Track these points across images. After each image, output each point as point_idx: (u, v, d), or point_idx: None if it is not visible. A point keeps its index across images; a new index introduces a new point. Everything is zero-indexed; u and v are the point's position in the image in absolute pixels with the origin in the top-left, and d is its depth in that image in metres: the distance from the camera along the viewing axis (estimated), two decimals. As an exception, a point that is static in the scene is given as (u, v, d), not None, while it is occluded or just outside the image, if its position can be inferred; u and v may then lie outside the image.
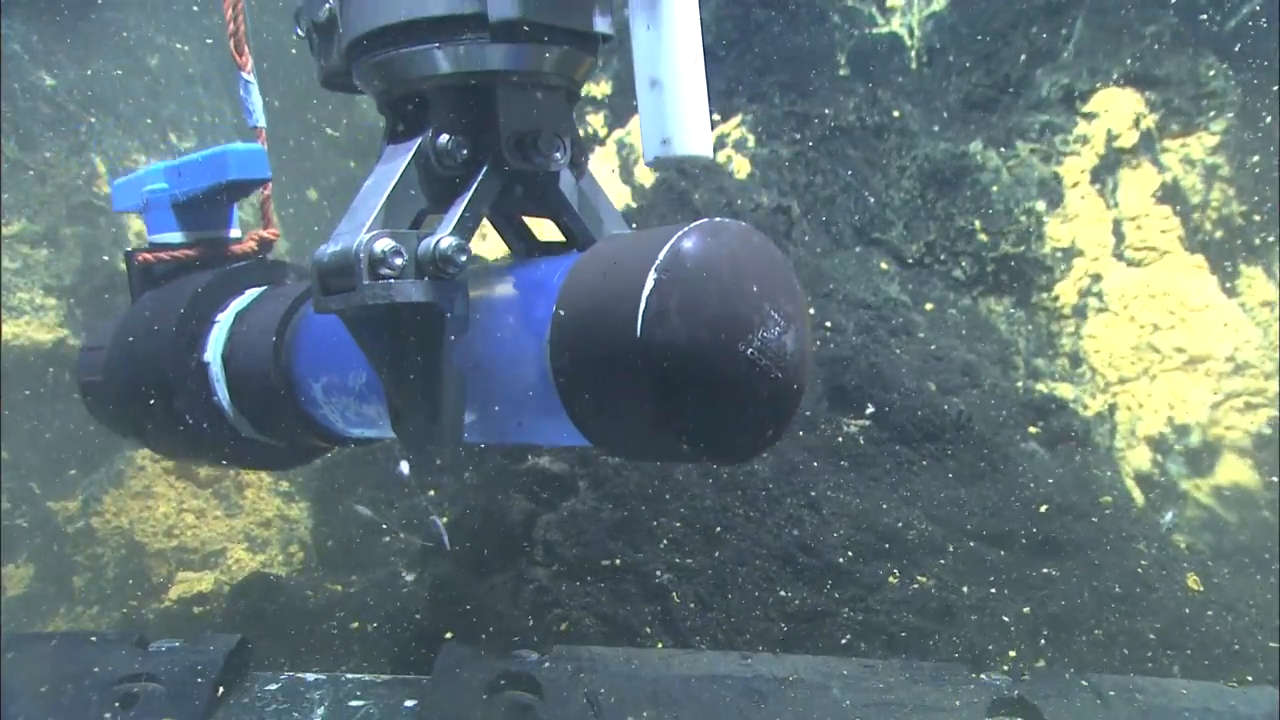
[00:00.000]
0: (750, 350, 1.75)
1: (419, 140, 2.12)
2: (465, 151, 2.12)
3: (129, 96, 3.85)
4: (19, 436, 3.42)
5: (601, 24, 2.13)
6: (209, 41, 4.38)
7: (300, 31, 2.37)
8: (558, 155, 2.20)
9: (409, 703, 2.44)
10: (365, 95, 2.27)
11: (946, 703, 2.36)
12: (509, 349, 2.00)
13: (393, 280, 1.94)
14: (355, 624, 3.14)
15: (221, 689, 2.49)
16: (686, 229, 1.78)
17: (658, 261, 1.73)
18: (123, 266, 3.66)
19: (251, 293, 2.60)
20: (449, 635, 2.85)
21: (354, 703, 2.45)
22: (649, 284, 1.70)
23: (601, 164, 5.03)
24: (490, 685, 2.40)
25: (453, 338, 2.08)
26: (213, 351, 2.51)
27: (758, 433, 1.87)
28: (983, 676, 2.47)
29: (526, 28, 2.05)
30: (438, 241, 1.97)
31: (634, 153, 5.03)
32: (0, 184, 3.35)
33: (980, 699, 2.37)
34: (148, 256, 2.72)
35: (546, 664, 2.45)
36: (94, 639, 2.62)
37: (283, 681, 2.58)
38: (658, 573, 2.82)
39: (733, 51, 5.01)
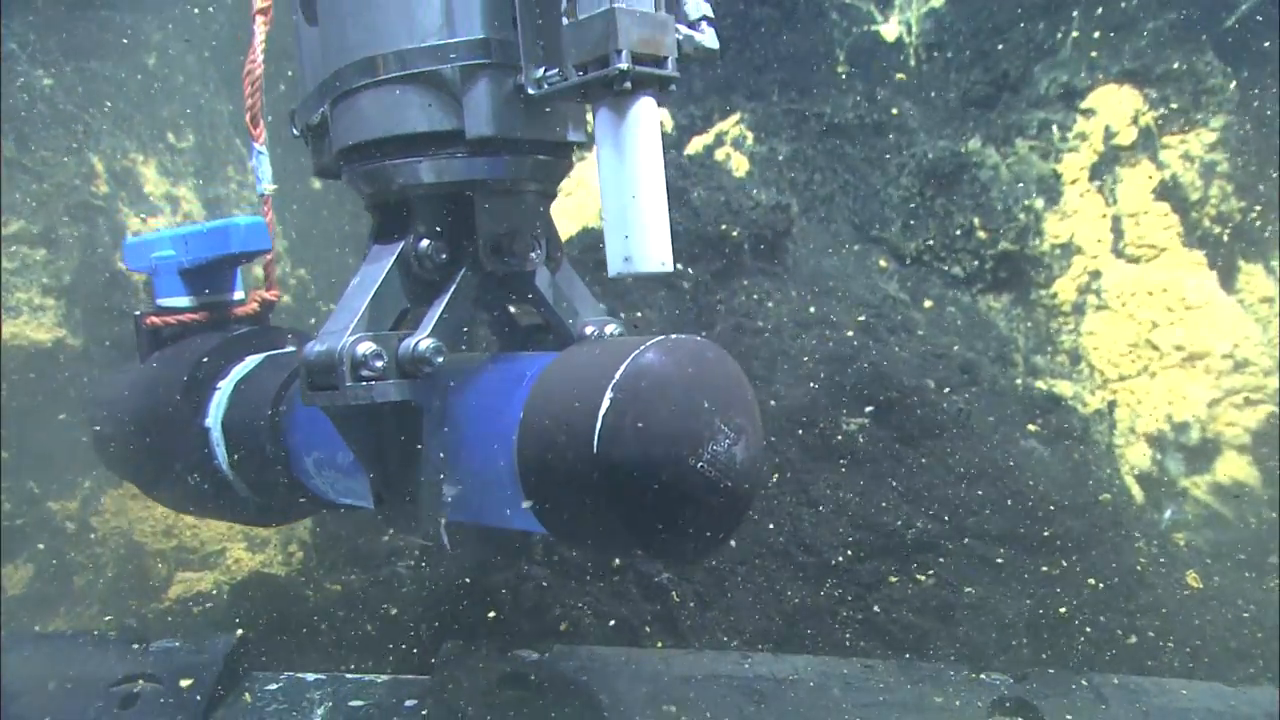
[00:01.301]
0: (700, 464, 1.87)
1: (402, 244, 2.26)
2: (444, 255, 2.28)
3: (126, 96, 3.85)
4: (18, 436, 3.41)
5: (574, 134, 2.29)
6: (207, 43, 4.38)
7: (296, 131, 2.54)
8: (533, 255, 2.36)
9: (409, 703, 2.43)
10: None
11: (946, 703, 2.36)
12: (483, 444, 2.12)
13: (373, 382, 2.09)
14: (355, 624, 3.14)
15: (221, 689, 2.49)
16: (644, 346, 1.93)
17: (614, 380, 1.86)
18: (120, 266, 3.70)
19: (252, 360, 2.74)
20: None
21: (354, 703, 2.45)
22: (606, 402, 1.84)
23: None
24: (490, 685, 2.39)
25: (431, 430, 2.22)
26: (214, 418, 2.65)
27: (709, 536, 1.99)
28: (983, 676, 2.46)
29: (502, 143, 2.19)
30: (416, 343, 2.13)
31: (633, 150, 5.02)
32: (0, 184, 3.35)
33: (980, 699, 2.37)
34: (155, 320, 2.89)
35: (546, 664, 2.45)
36: (94, 639, 2.63)
37: (283, 681, 2.58)
38: (657, 572, 2.82)
39: (731, 49, 5.01)
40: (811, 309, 3.75)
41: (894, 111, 4.78)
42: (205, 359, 2.71)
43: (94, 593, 3.37)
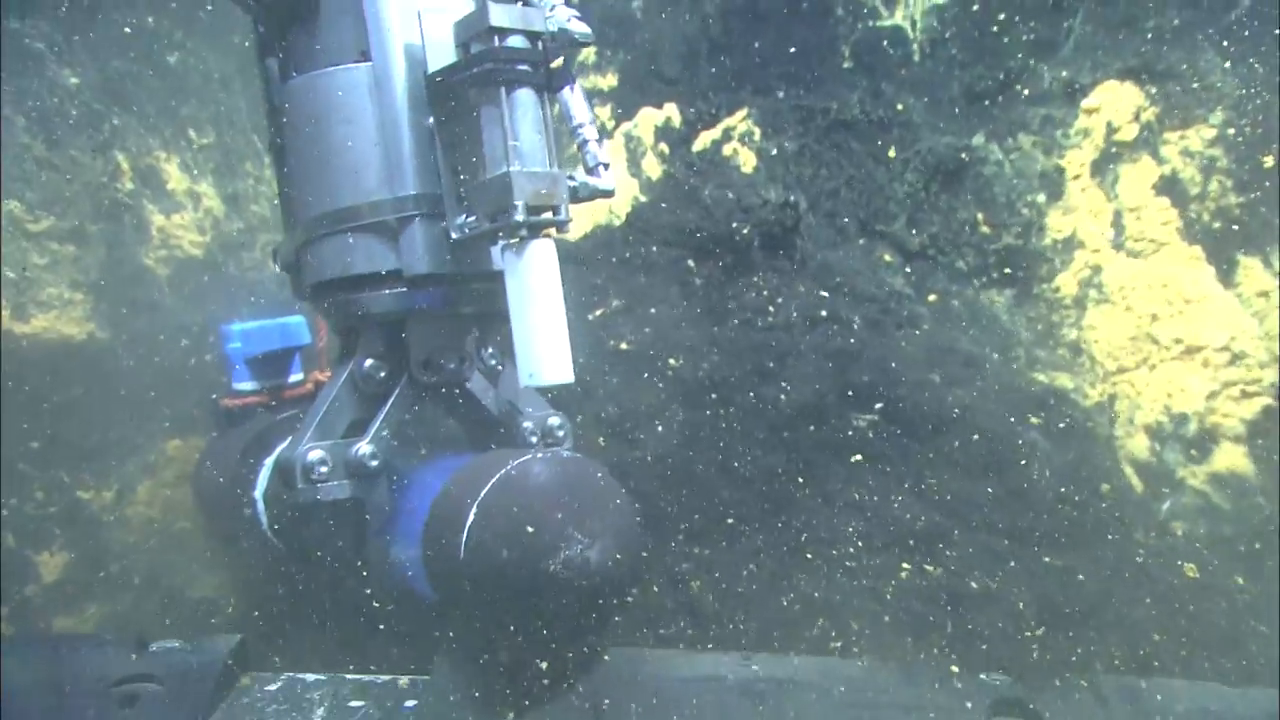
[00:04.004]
0: (554, 567, 2.21)
1: (351, 364, 2.71)
2: (383, 374, 2.72)
3: (149, 95, 3.92)
4: (48, 428, 3.50)
5: (498, 264, 2.62)
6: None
7: (277, 267, 3.00)
8: (465, 368, 2.80)
9: (409, 703, 2.42)
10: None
11: (946, 703, 2.34)
12: (407, 534, 2.57)
13: (320, 484, 2.56)
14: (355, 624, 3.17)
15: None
16: (511, 465, 2.35)
17: (480, 497, 2.29)
18: (146, 262, 3.80)
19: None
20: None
21: (354, 703, 2.43)
22: (471, 516, 2.28)
23: (609, 158, 5.07)
24: (490, 685, 2.37)
25: (374, 518, 2.67)
26: (259, 489, 3.04)
27: (573, 625, 2.30)
28: (983, 676, 2.44)
29: (433, 278, 2.61)
30: (358, 449, 2.60)
31: (641, 145, 5.09)
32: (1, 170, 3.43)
33: (980, 699, 2.35)
34: (228, 402, 3.49)
35: (547, 664, 2.41)
36: (93, 639, 2.62)
37: (283, 681, 2.55)
38: (678, 563, 2.91)
39: (738, 43, 5.05)
40: (819, 305, 3.83)
41: (899, 107, 4.81)
42: (254, 439, 3.15)
43: (128, 580, 3.46)
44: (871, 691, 2.35)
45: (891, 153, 4.74)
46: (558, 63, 2.53)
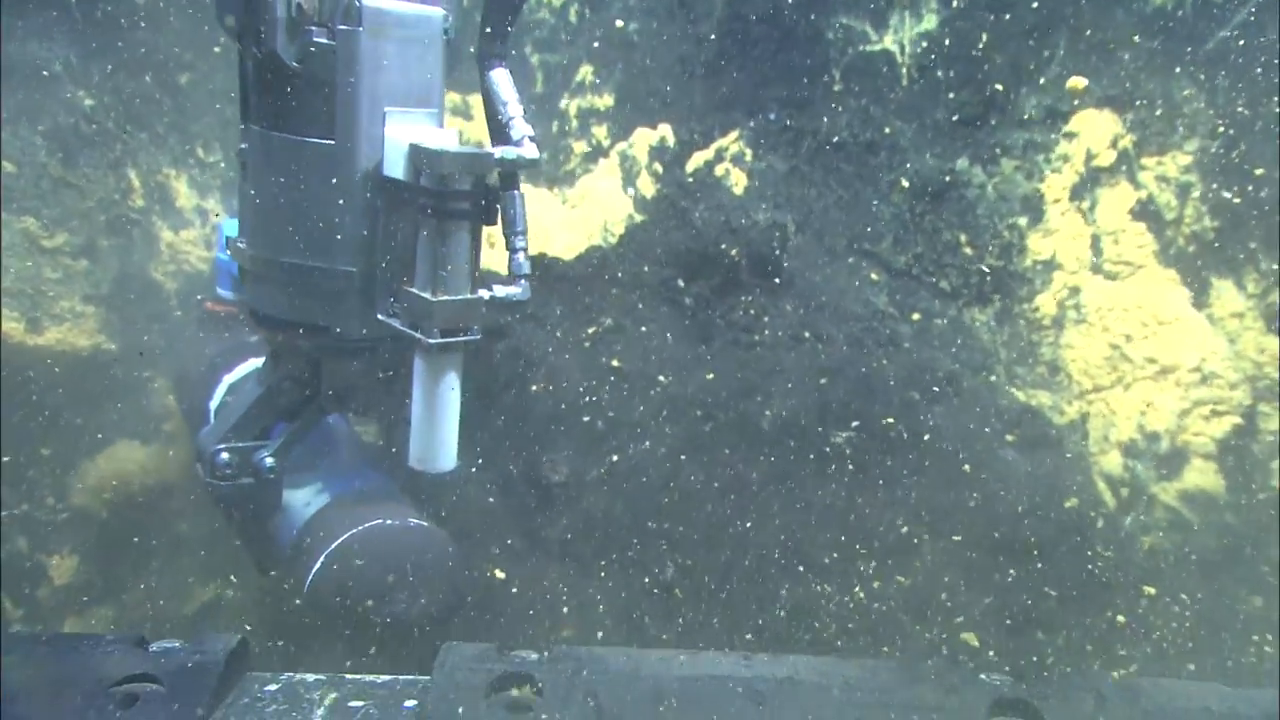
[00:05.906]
0: (381, 616, 2.85)
1: (272, 382, 3.06)
2: (298, 395, 3.08)
3: (160, 113, 4.05)
4: (60, 436, 3.63)
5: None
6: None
7: (226, 256, 3.15)
8: (373, 400, 3.11)
9: (409, 703, 2.41)
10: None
11: (946, 703, 2.34)
12: (286, 536, 3.11)
13: (224, 481, 3.00)
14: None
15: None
16: (363, 528, 2.91)
17: (329, 549, 2.86)
18: (155, 276, 3.94)
19: (251, 364, 3.48)
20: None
21: (354, 703, 2.42)
22: (319, 562, 2.85)
23: (605, 176, 5.22)
24: (490, 685, 2.36)
25: (270, 513, 3.15)
26: (215, 403, 3.43)
27: (398, 646, 2.87)
28: (983, 676, 2.44)
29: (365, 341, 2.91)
30: (264, 457, 3.03)
31: (636, 164, 5.22)
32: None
33: (980, 699, 2.35)
34: (211, 306, 3.75)
35: (546, 664, 2.43)
36: (93, 639, 2.61)
37: (283, 681, 2.52)
38: (661, 569, 3.04)
39: (732, 65, 5.17)
40: (805, 324, 3.96)
41: (886, 130, 4.91)
42: (218, 356, 3.46)
43: (138, 585, 3.58)
44: (871, 691, 2.36)
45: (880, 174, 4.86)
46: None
